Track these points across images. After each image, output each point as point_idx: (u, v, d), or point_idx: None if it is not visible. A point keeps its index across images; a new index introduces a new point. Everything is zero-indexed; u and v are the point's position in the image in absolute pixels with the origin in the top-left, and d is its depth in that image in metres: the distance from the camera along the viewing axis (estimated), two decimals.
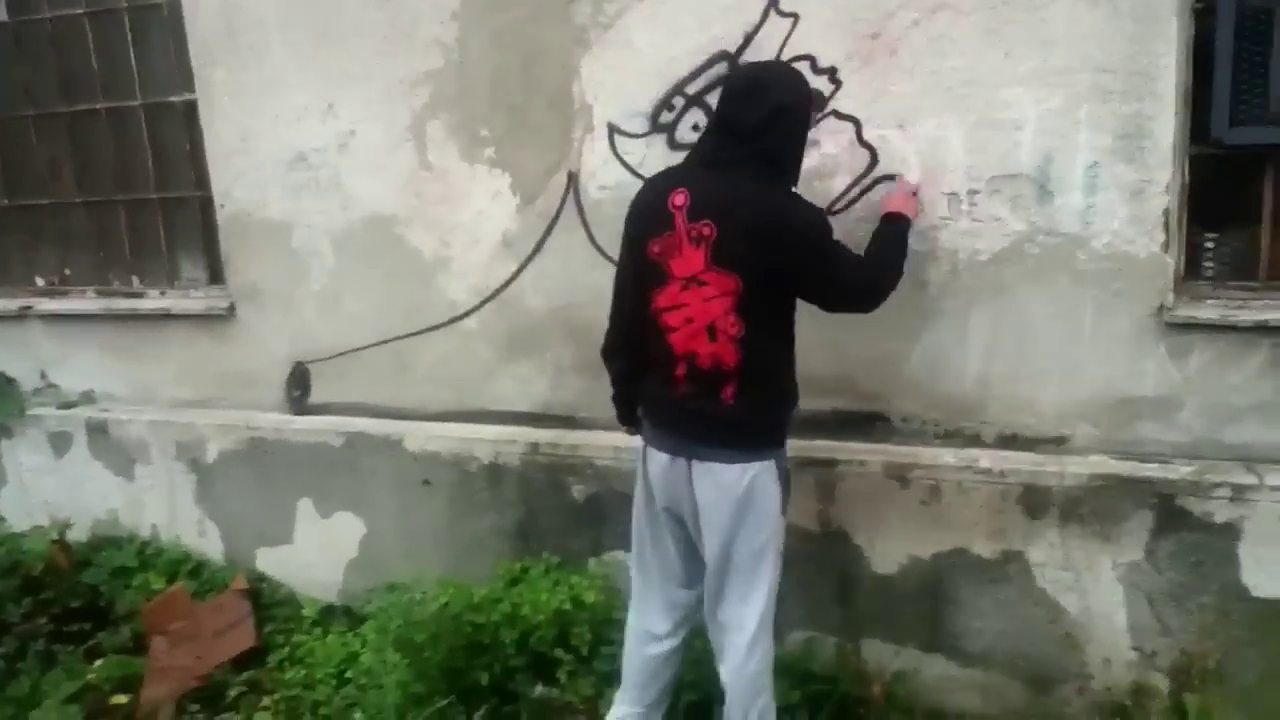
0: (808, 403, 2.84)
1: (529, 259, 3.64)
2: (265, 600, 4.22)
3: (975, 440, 3.19)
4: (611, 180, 3.44)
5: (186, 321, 4.36)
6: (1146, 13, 2.77)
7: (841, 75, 3.10)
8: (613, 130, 3.42)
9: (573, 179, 3.52)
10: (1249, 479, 2.86)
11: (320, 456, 4.08)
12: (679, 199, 2.50)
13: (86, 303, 4.61)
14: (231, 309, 4.24)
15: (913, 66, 3.01)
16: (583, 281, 3.54)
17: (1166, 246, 2.88)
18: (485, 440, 3.79)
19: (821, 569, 3.31)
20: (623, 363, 2.82)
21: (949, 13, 2.95)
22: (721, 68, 3.23)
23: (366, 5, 3.69)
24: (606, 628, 3.35)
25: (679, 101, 3.32)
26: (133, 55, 4.34)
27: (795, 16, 3.12)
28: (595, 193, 3.49)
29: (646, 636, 2.91)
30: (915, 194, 3.00)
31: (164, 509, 4.49)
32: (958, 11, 2.94)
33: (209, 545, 4.43)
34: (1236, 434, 2.93)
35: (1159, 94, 2.80)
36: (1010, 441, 3.15)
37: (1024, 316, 3.06)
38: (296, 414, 4.21)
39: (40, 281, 4.79)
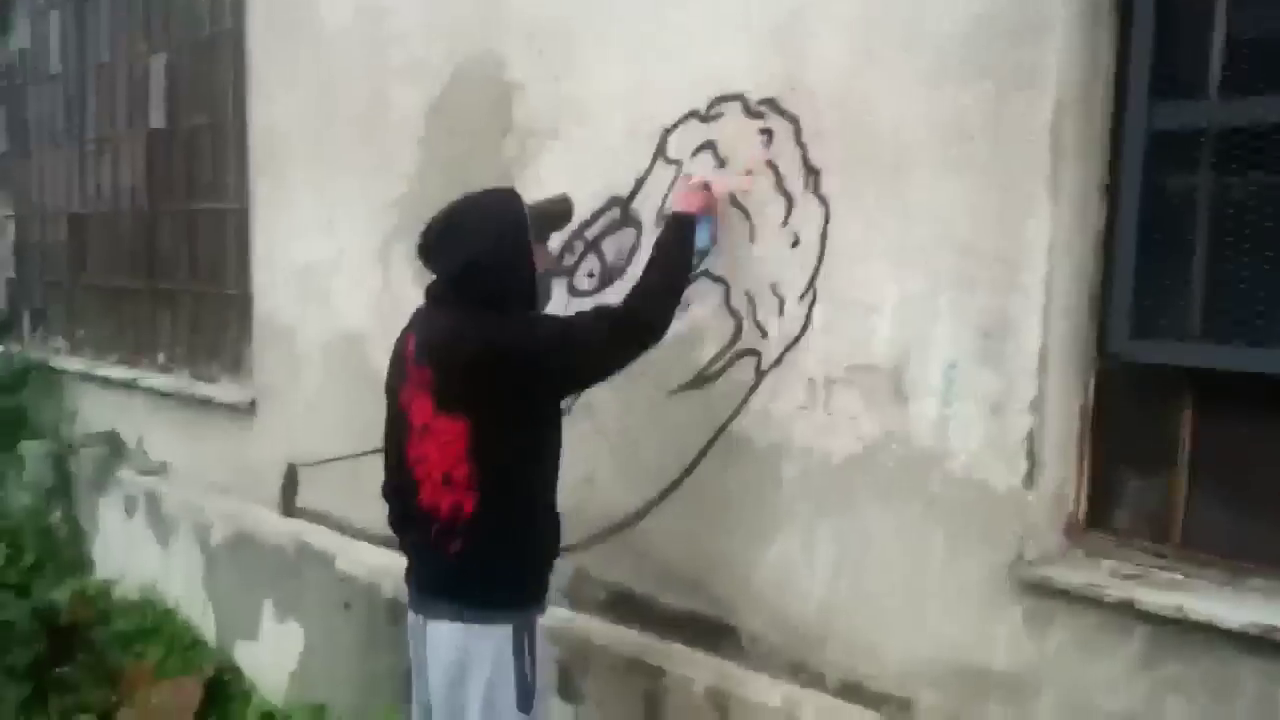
0: (664, 597, 2.68)
1: None
2: (231, 692, 4.30)
3: (818, 681, 2.59)
4: None
5: (223, 409, 4.63)
6: (1013, 183, 2.20)
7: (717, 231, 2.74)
8: None
9: None
10: None
11: (281, 560, 4.12)
12: (410, 345, 2.38)
13: (166, 380, 5.04)
14: (253, 404, 4.45)
15: (778, 229, 2.60)
16: None
17: (1030, 480, 2.22)
18: (392, 573, 3.64)
19: None
20: (395, 511, 2.58)
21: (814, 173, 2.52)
22: (614, 213, 2.98)
23: (359, 139, 3.81)
24: None
25: (579, 245, 3.09)
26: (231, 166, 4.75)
27: (679, 164, 2.82)
28: None
29: None
30: (706, 186, 2.62)
31: (182, 584, 4.73)
32: (824, 171, 2.51)
33: (207, 626, 4.59)
34: None
35: (1024, 286, 2.19)
36: (852, 692, 2.52)
37: (872, 540, 2.47)
38: (284, 514, 4.30)
39: (162, 357, 5.31)
